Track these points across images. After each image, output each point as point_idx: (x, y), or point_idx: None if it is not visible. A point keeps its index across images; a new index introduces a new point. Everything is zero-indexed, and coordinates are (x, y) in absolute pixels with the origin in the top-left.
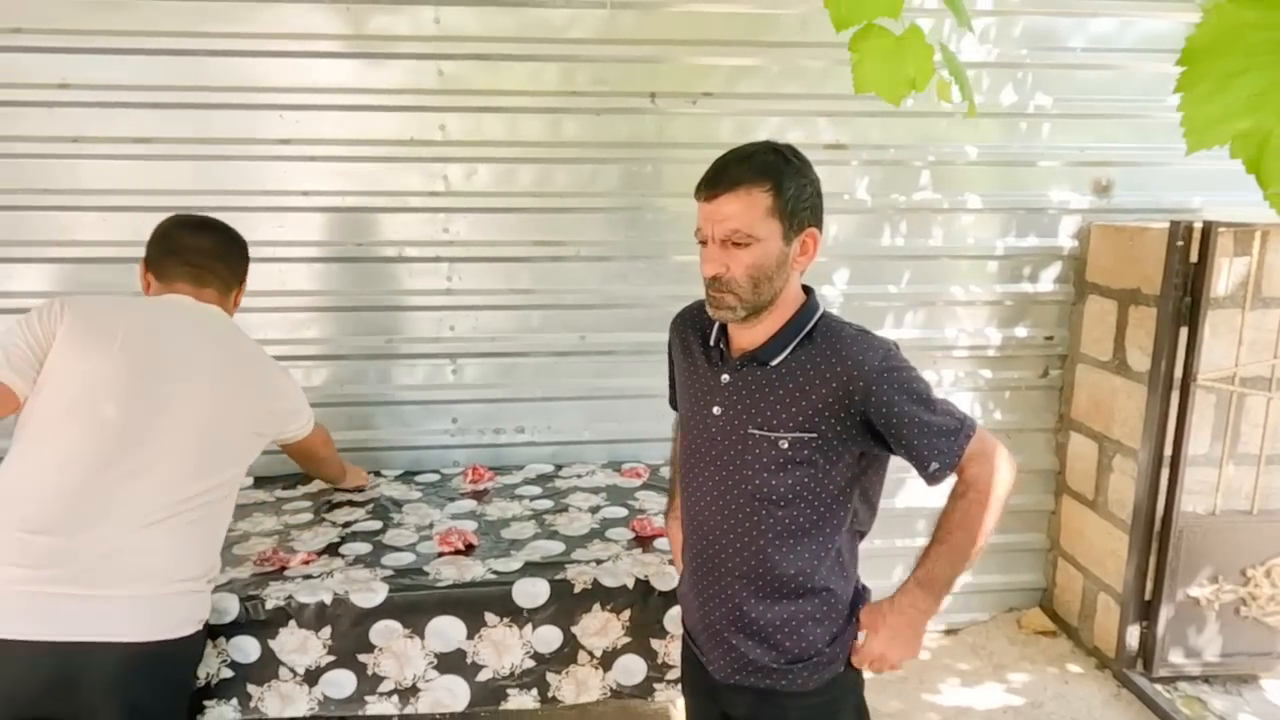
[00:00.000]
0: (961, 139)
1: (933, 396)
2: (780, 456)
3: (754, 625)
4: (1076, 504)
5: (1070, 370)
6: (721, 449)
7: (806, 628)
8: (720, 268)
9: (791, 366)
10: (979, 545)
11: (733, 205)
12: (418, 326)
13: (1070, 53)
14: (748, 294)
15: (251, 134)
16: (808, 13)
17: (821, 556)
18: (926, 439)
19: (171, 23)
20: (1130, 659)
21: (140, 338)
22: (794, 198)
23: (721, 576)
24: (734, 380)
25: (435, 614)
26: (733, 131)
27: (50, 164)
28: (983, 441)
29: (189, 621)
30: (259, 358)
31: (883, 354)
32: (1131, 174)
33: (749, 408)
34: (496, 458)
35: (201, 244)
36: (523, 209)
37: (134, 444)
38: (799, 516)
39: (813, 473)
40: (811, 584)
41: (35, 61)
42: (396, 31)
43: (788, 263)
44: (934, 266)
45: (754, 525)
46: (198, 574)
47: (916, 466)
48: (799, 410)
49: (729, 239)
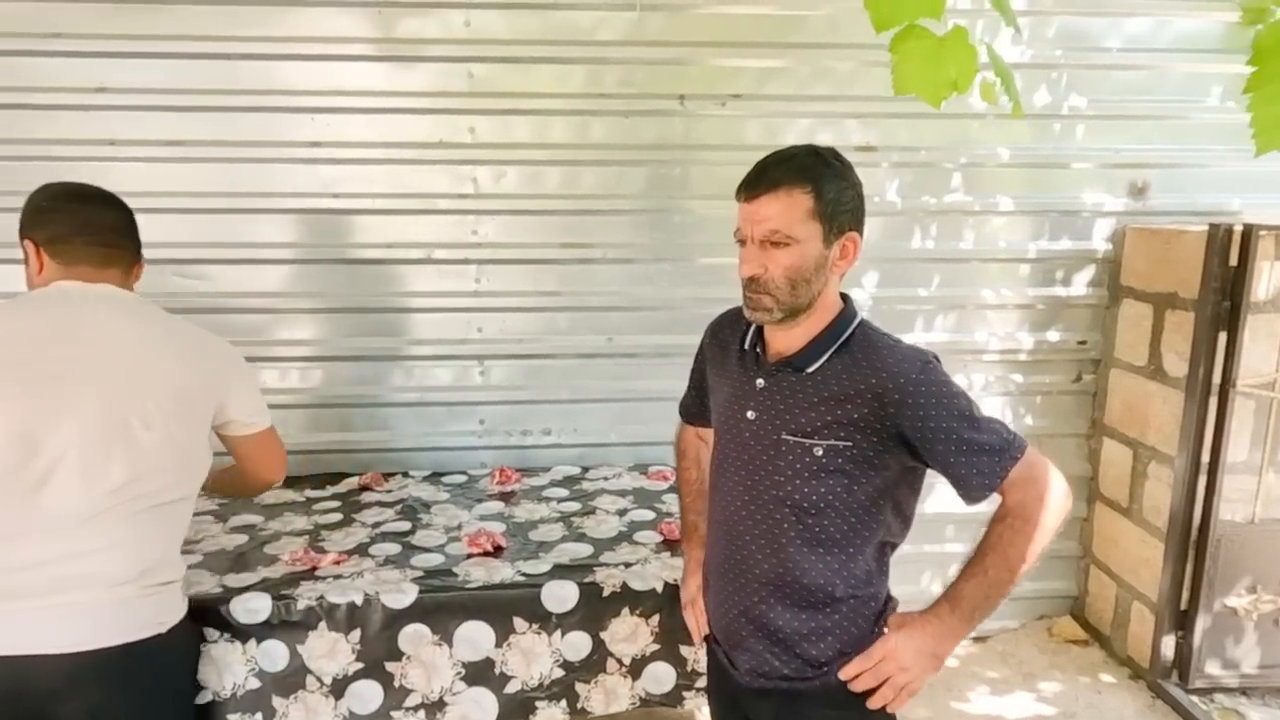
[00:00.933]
0: (993, 140)
1: (976, 413)
2: (814, 464)
3: (778, 633)
4: (1110, 511)
5: (1104, 375)
6: (754, 453)
7: (832, 637)
8: (758, 268)
9: (827, 374)
10: (1017, 576)
11: (773, 206)
12: (446, 328)
13: (1105, 53)
14: (785, 295)
15: (282, 137)
16: (837, 14)
17: (850, 567)
18: (965, 456)
19: (204, 27)
20: (1165, 669)
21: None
22: (834, 201)
23: (748, 582)
24: (769, 385)
25: (464, 618)
26: (761, 133)
27: (86, 166)
28: (1032, 466)
29: (148, 625)
30: (178, 330)
31: (920, 365)
32: (1168, 176)
33: (783, 413)
34: (523, 459)
35: (106, 219)
36: (550, 211)
37: (40, 448)
38: (829, 525)
39: (845, 482)
40: (838, 594)
41: (72, 66)
42: (426, 34)
43: (827, 266)
44: (965, 269)
45: (783, 532)
46: (143, 574)
47: (954, 485)
48: (834, 418)
49: (768, 239)
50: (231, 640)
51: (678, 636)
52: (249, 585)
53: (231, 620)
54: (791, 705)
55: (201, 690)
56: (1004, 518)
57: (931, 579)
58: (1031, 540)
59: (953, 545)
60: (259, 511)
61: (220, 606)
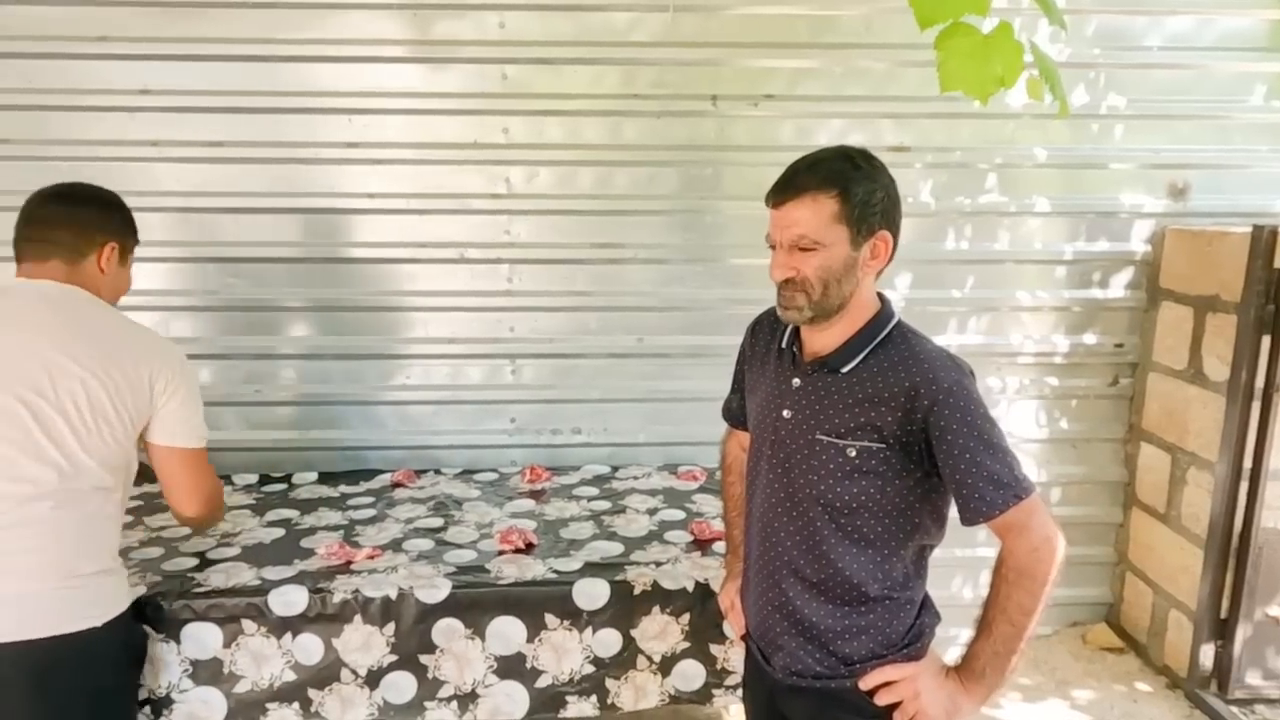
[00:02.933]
0: (1030, 141)
1: (998, 442)
2: (847, 464)
3: (812, 630)
4: (1147, 517)
5: (1141, 379)
6: (790, 452)
7: (866, 636)
8: (789, 271)
9: (863, 375)
10: (1023, 631)
11: (799, 211)
12: (478, 327)
13: (1146, 52)
14: (818, 294)
15: (320, 137)
16: (871, 13)
17: (885, 568)
18: (973, 479)
19: (245, 30)
20: (1203, 679)
21: None
22: (862, 203)
23: (783, 579)
24: (805, 384)
25: (496, 613)
26: (794, 134)
27: (130, 166)
28: (1030, 514)
29: (79, 618)
30: (109, 331)
31: (956, 376)
32: (1209, 177)
33: (818, 413)
34: (553, 458)
35: (46, 214)
36: (583, 211)
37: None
38: (862, 526)
39: (879, 484)
40: (873, 593)
41: (118, 68)
42: (461, 36)
43: (857, 267)
44: (999, 271)
45: (817, 530)
46: (69, 569)
47: (956, 502)
48: (868, 420)
49: (796, 244)
50: (267, 635)
51: (708, 635)
52: (286, 578)
53: (268, 612)
54: (826, 704)
55: (140, 688)
56: (999, 569)
57: (963, 583)
58: (1026, 592)
59: (984, 550)
60: (295, 506)
61: (258, 598)
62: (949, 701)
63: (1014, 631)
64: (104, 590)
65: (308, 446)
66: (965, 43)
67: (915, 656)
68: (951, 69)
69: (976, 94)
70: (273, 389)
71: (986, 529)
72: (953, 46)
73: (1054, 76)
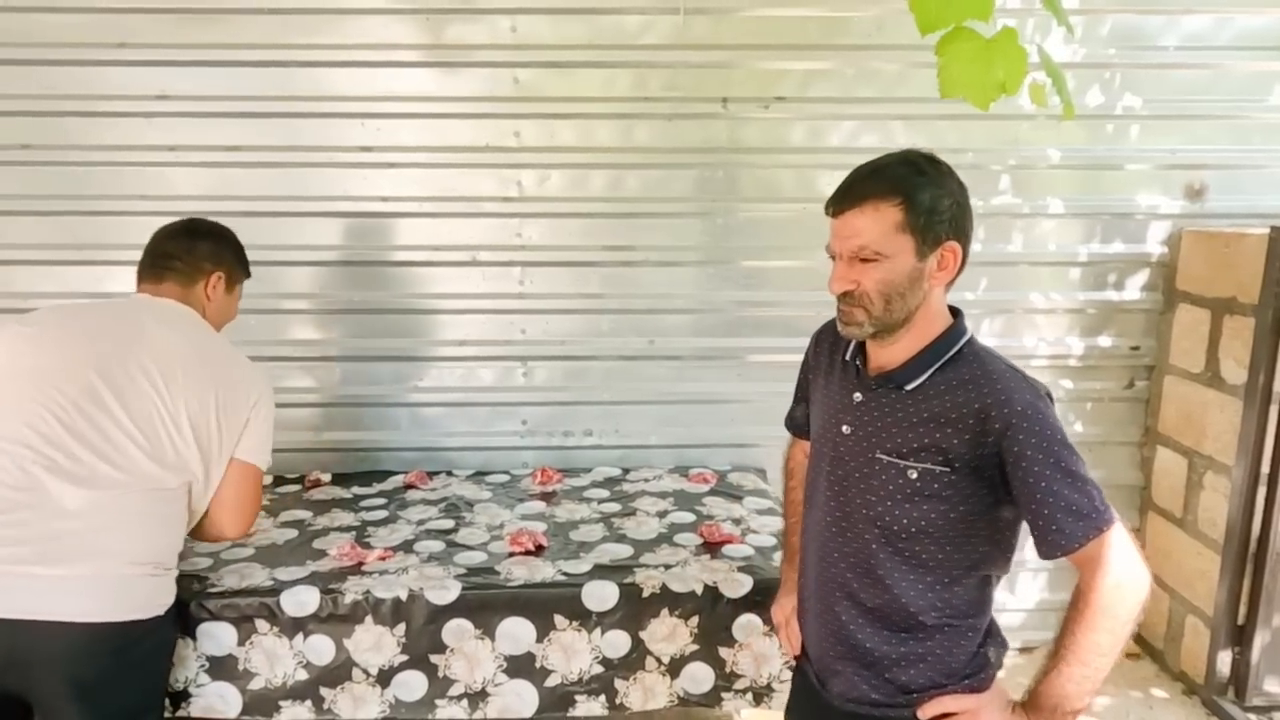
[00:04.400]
0: (1044, 142)
1: (1078, 470)
2: (908, 486)
3: (868, 656)
4: (1163, 521)
5: (1158, 382)
6: (848, 470)
7: (925, 664)
8: (849, 284)
9: (929, 393)
10: (1096, 671)
11: (860, 221)
12: (490, 329)
13: (1162, 51)
14: (878, 310)
15: (334, 142)
16: (882, 15)
17: (945, 596)
18: (1050, 510)
19: (261, 36)
20: (1221, 686)
21: (77, 335)
22: (928, 211)
23: (838, 602)
24: (867, 400)
25: (506, 614)
26: (805, 136)
27: (148, 171)
28: (1115, 548)
29: (147, 606)
30: (215, 349)
31: (1031, 398)
32: (1227, 177)
33: (879, 430)
34: (564, 460)
35: (166, 247)
36: (594, 214)
37: (77, 430)
38: (921, 552)
39: (942, 509)
40: (930, 621)
41: (136, 74)
42: (473, 40)
43: (923, 279)
44: (1013, 273)
45: (872, 554)
46: (152, 558)
47: (1033, 533)
48: (932, 441)
49: (856, 255)
50: (280, 635)
51: (717, 638)
52: (298, 579)
53: (280, 613)
54: None
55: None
56: (1076, 603)
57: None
58: (1103, 631)
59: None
60: (308, 507)
61: (270, 598)
62: None
63: (1085, 672)
64: (170, 582)
65: (322, 448)
66: (967, 48)
67: (979, 688)
68: (953, 74)
69: (976, 100)
70: (287, 391)
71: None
72: (954, 51)
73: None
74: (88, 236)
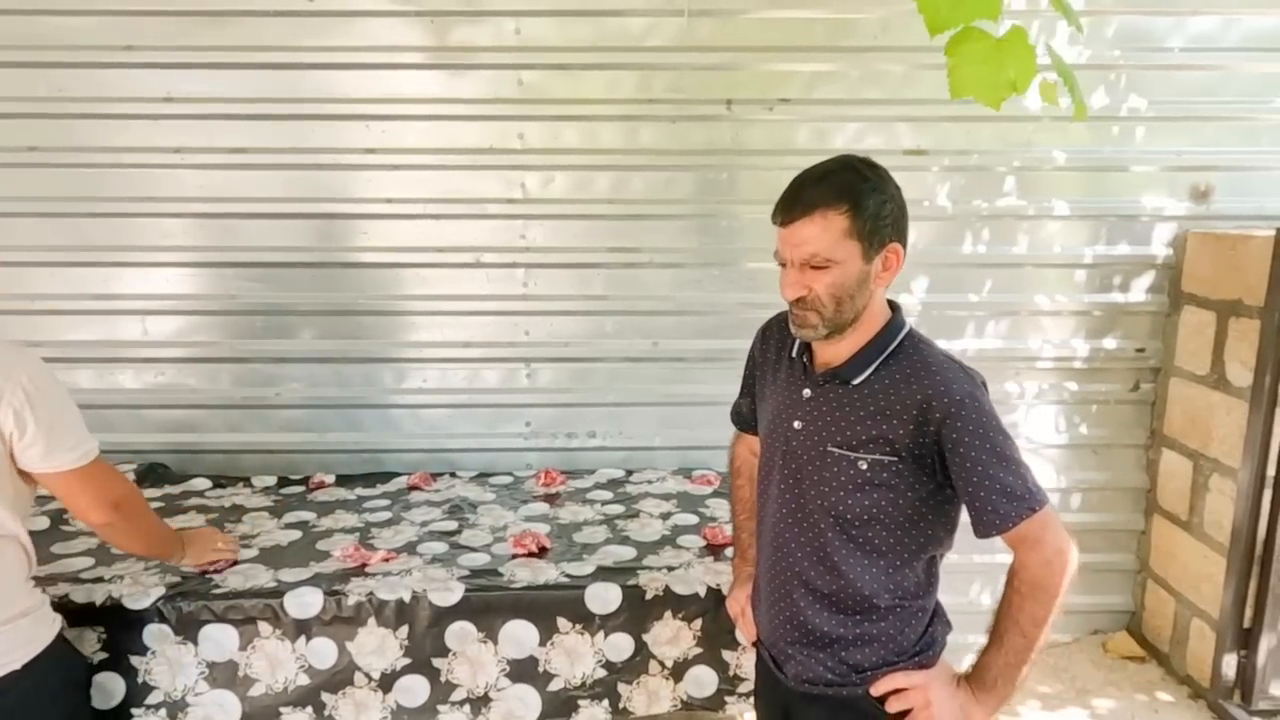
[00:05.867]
0: (1049, 143)
1: (1010, 454)
2: (859, 477)
3: (823, 639)
4: (1168, 524)
5: (1163, 384)
6: (801, 463)
7: (878, 644)
8: (802, 289)
9: (874, 387)
10: (1034, 643)
11: (809, 229)
12: (493, 331)
13: (1168, 53)
14: (830, 312)
15: (340, 143)
16: (887, 17)
17: (897, 579)
18: (986, 492)
19: (267, 38)
20: (1226, 689)
21: None
22: (873, 216)
23: (794, 589)
24: (815, 396)
25: (509, 617)
26: (810, 138)
27: (155, 173)
28: (1045, 527)
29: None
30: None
31: (969, 388)
32: (1233, 179)
33: (829, 425)
34: (568, 461)
35: None
36: (598, 216)
37: None
38: (874, 538)
39: (891, 496)
40: (883, 603)
41: (143, 76)
42: (478, 42)
43: (869, 280)
44: (1018, 275)
45: (828, 541)
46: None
47: (970, 514)
48: (879, 432)
49: (807, 263)
50: (282, 638)
51: (720, 641)
52: (302, 580)
53: (283, 614)
54: (838, 712)
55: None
56: (1011, 581)
57: (981, 589)
58: (1038, 604)
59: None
60: (312, 509)
61: (274, 600)
62: (960, 711)
63: (1026, 643)
64: (19, 634)
65: (326, 449)
66: (976, 48)
67: (926, 665)
68: (962, 75)
69: (988, 100)
70: (291, 392)
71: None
72: (964, 52)
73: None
74: (95, 238)
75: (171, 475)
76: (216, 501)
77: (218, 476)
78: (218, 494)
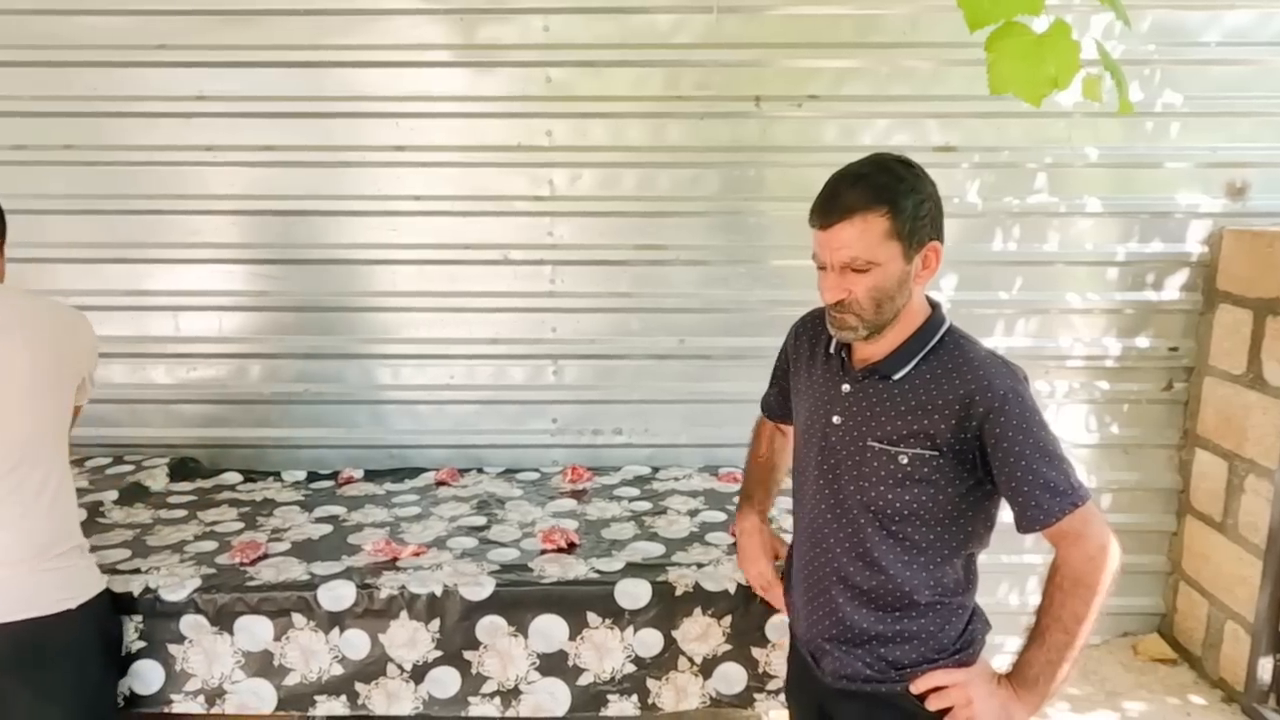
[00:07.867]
0: (1081, 140)
1: (1053, 449)
2: (899, 472)
3: (861, 636)
4: (1202, 525)
5: (1197, 383)
6: (839, 458)
7: (917, 640)
8: (842, 293)
9: (915, 381)
10: (1076, 639)
11: (848, 233)
12: (521, 328)
13: (1203, 48)
14: (870, 314)
15: (368, 141)
16: (915, 12)
17: (937, 575)
18: (1029, 487)
19: (296, 37)
20: (1261, 693)
21: None
22: (912, 216)
23: (831, 586)
24: (855, 391)
25: (539, 611)
26: (838, 134)
27: (187, 171)
28: (1088, 523)
29: (54, 600)
30: (37, 310)
31: (1011, 382)
32: (1270, 175)
33: (869, 420)
34: (594, 458)
35: None
36: (625, 213)
37: None
38: (914, 533)
39: (931, 491)
40: (923, 600)
41: (174, 76)
42: (505, 40)
43: (909, 281)
44: (1048, 273)
45: (867, 537)
46: (39, 551)
47: (1013, 510)
48: (920, 427)
49: (848, 265)
50: (315, 630)
51: (750, 638)
52: (334, 573)
53: (317, 607)
54: (876, 708)
55: (123, 678)
56: (1053, 577)
57: (1009, 590)
58: (1081, 600)
59: (1031, 556)
60: (342, 503)
61: (308, 592)
62: (1001, 710)
63: (1068, 640)
64: (75, 573)
65: (354, 444)
66: (1017, 43)
67: (966, 663)
68: (1003, 71)
69: (1028, 96)
70: (321, 388)
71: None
72: (1004, 48)
73: (1118, 74)
74: (127, 235)
75: (203, 469)
76: (248, 495)
77: (248, 471)
78: (249, 488)
